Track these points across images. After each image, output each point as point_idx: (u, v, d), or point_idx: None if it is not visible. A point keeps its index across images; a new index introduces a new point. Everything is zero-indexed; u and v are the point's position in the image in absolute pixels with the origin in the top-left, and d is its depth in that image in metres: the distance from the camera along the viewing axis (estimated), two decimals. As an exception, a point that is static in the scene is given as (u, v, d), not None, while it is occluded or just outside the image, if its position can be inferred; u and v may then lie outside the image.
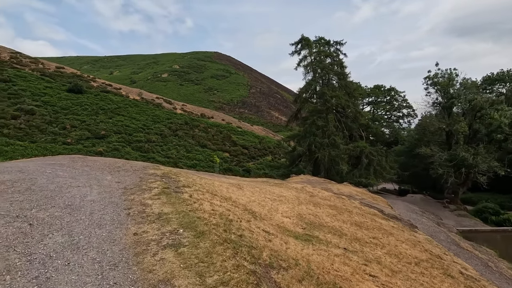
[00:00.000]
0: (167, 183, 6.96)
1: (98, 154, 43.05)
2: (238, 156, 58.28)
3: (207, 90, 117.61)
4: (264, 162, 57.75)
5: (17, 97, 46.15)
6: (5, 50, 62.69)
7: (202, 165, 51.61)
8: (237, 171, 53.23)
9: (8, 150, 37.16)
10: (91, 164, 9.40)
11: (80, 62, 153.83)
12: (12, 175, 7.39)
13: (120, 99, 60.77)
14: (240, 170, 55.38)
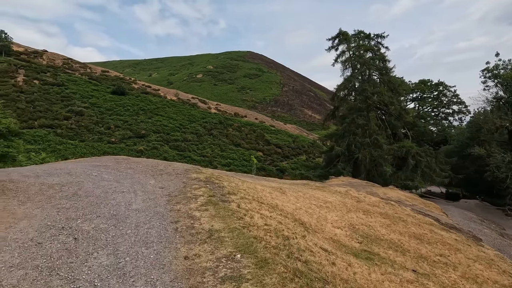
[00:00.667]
0: (212, 190, 6.48)
1: (139, 152, 44.96)
2: (272, 155, 57.61)
3: (240, 89, 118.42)
4: (298, 161, 56.46)
5: (69, 99, 49.79)
6: (59, 56, 68.09)
7: (236, 164, 51.76)
8: (270, 171, 52.60)
9: (61, 148, 40.14)
10: (134, 166, 9.26)
11: (123, 65, 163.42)
12: (61, 177, 7.39)
13: (158, 100, 63.06)
14: (274, 169, 54.65)
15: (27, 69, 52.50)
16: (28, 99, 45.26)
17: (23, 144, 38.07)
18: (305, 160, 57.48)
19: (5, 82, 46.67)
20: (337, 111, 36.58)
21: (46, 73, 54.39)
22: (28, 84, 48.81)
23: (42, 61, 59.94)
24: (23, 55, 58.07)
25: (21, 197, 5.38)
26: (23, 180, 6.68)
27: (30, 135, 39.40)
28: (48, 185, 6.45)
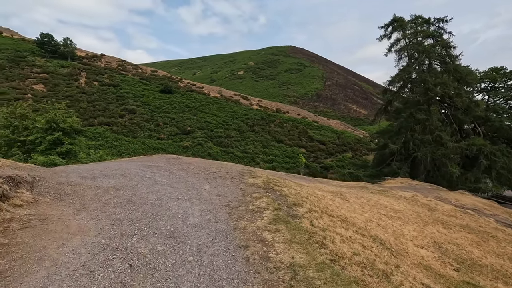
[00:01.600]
0: (275, 200, 5.63)
1: (185, 148, 46.35)
2: (315, 152, 55.55)
3: (281, 84, 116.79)
4: (343, 159, 53.62)
5: (123, 98, 53.18)
6: (114, 59, 73.26)
7: (278, 160, 50.82)
8: (314, 168, 50.69)
9: (117, 144, 43.01)
10: (186, 167, 8.79)
11: (169, 65, 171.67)
12: (116, 180, 7.11)
13: (202, 97, 64.51)
14: (318, 167, 52.65)
15: (88, 72, 57.17)
16: (89, 99, 49.22)
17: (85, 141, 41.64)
18: (351, 158, 54.39)
19: (71, 84, 51.28)
20: (390, 105, 33.48)
21: (103, 75, 58.72)
22: (89, 85, 53.11)
23: (100, 64, 64.86)
24: (85, 59, 63.41)
25: (77, 203, 5.04)
26: (80, 183, 6.46)
27: (91, 132, 42.78)
28: (104, 189, 6.13)
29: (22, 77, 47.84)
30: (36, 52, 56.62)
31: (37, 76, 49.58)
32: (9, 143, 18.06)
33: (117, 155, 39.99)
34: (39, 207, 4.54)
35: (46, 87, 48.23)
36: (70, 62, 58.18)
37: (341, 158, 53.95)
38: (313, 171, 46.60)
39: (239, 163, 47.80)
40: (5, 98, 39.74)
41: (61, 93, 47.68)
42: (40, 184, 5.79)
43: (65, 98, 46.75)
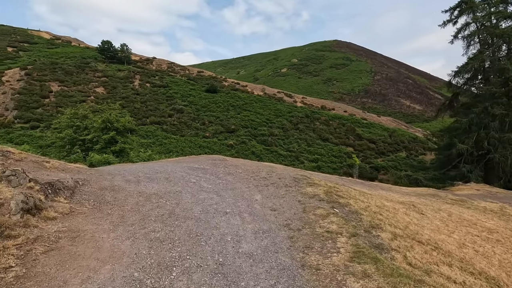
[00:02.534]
0: (347, 220, 4.43)
1: (229, 147, 46.57)
2: (364, 151, 51.78)
3: (325, 81, 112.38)
4: (396, 159, 49.09)
5: (172, 99, 55.45)
6: (164, 61, 77.09)
7: (324, 160, 48.43)
8: (363, 168, 47.25)
9: (166, 142, 44.88)
10: (233, 171, 7.92)
11: (214, 65, 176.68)
12: (160, 184, 6.50)
13: (246, 96, 64.47)
14: (367, 167, 49.09)
15: (141, 74, 60.78)
16: (142, 99, 52.19)
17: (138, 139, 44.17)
18: (406, 158, 49.61)
19: (126, 86, 54.95)
20: (456, 99, 29.37)
21: (155, 76, 61.93)
22: (142, 87, 56.39)
23: (152, 66, 68.62)
24: (139, 63, 67.62)
25: (115, 215, 4.41)
26: (123, 188, 5.92)
27: (143, 131, 45.25)
28: (146, 196, 5.49)
29: (87, 81, 52.48)
30: (98, 58, 61.78)
31: (98, 80, 54.01)
32: (72, 141, 19.40)
33: (166, 153, 41.63)
34: (73, 220, 3.97)
35: (106, 89, 52.29)
36: (126, 66, 62.42)
37: (394, 158, 49.47)
38: (362, 171, 43.39)
39: (283, 162, 46.57)
40: (73, 101, 43.90)
41: (118, 95, 51.26)
42: (82, 189, 5.33)
43: (122, 99, 50.18)
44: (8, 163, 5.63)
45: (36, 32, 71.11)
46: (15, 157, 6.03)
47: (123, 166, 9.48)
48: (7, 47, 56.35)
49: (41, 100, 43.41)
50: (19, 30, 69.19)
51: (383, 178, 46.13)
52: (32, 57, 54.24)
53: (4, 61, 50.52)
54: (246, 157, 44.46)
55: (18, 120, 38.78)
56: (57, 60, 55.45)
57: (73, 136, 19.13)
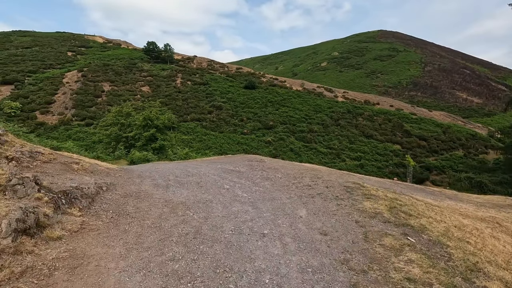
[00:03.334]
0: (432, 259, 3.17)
1: (267, 143, 45.71)
2: (413, 149, 47.23)
3: (369, 74, 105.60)
4: (452, 158, 43.92)
5: (211, 96, 56.16)
6: (205, 60, 78.61)
7: (367, 158, 45.20)
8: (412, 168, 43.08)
9: (206, 139, 45.50)
10: (271, 175, 6.91)
11: (253, 62, 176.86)
12: (189, 191, 5.74)
13: (284, 91, 62.90)
14: (417, 166, 44.71)
15: (183, 73, 62.53)
16: (183, 97, 53.61)
17: (180, 135, 45.40)
18: (464, 157, 44.19)
19: (169, 85, 56.90)
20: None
21: (195, 74, 63.31)
22: (183, 85, 57.97)
23: (193, 65, 70.29)
24: (181, 62, 69.73)
25: (131, 234, 3.68)
26: (149, 195, 5.26)
27: (184, 128, 46.41)
28: (172, 207, 4.73)
29: (134, 81, 55.37)
30: (144, 59, 64.89)
31: (144, 79, 56.68)
32: (117, 138, 20.10)
33: (205, 149, 42.16)
34: (81, 240, 3.30)
35: (150, 88, 54.67)
36: (169, 65, 64.69)
37: (449, 157, 44.33)
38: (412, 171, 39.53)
39: (323, 159, 44.42)
40: (121, 99, 46.55)
41: (161, 93, 53.26)
42: (104, 196, 4.73)
43: (164, 97, 52.04)
44: (34, 165, 5.25)
45: (91, 37, 77.05)
46: (43, 158, 5.67)
47: (157, 166, 9.02)
48: (67, 52, 61.70)
49: (94, 99, 46.65)
50: (77, 36, 75.57)
51: (436, 179, 41.60)
52: (88, 60, 58.69)
53: (64, 64, 55.35)
54: (284, 154, 43.21)
55: (75, 118, 42.06)
56: (109, 62, 59.32)
57: (118, 133, 19.76)
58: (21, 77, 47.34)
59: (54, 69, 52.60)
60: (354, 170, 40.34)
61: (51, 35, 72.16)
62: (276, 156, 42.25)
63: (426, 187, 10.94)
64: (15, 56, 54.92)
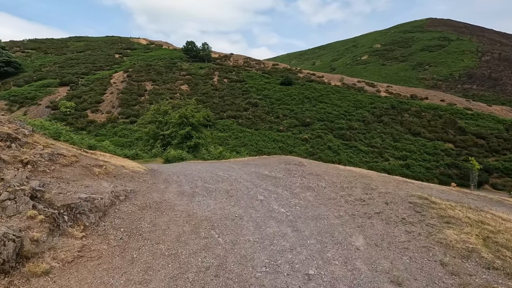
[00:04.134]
0: None
1: (304, 141, 43.98)
2: (469, 148, 42.04)
3: (415, 66, 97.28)
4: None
5: (247, 93, 55.73)
6: (241, 57, 78.57)
7: (414, 157, 41.27)
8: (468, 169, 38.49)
9: (241, 136, 45.19)
10: (313, 183, 5.80)
11: (289, 58, 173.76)
12: (217, 201, 4.89)
13: (322, 87, 60.23)
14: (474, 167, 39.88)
15: (219, 71, 63.00)
16: (219, 94, 53.91)
17: (216, 132, 45.67)
18: (533, 158, 38.21)
19: (206, 83, 57.65)
20: None
21: (232, 72, 63.40)
22: (220, 83, 58.34)
23: (229, 62, 70.55)
24: (218, 60, 70.42)
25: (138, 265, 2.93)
26: (172, 205, 4.52)
27: (220, 125, 46.59)
28: (194, 224, 3.92)
29: (174, 80, 57.04)
30: (183, 58, 66.62)
31: (183, 78, 58.10)
32: (155, 136, 20.32)
33: (241, 146, 41.84)
34: (72, 276, 2.58)
35: (189, 86, 55.86)
36: (206, 64, 65.64)
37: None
38: (467, 173, 35.12)
39: (364, 158, 41.52)
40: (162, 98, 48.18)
41: (199, 91, 54.12)
42: (119, 208, 4.06)
43: (202, 95, 52.79)
44: (51, 169, 4.77)
45: (136, 39, 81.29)
46: (64, 162, 5.19)
47: (188, 167, 8.37)
48: (115, 54, 65.66)
49: (138, 98, 48.84)
50: (124, 39, 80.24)
51: (497, 183, 36.58)
52: (132, 61, 61.83)
53: (112, 66, 58.91)
54: (322, 152, 41.18)
55: (121, 116, 44.35)
56: (151, 62, 61.89)
57: (155, 131, 19.91)
58: (75, 78, 51.25)
59: (103, 70, 56.20)
60: (399, 171, 37.03)
61: (101, 39, 77.56)
62: (313, 154, 40.43)
63: (503, 198, 8.91)
64: (71, 59, 59.81)
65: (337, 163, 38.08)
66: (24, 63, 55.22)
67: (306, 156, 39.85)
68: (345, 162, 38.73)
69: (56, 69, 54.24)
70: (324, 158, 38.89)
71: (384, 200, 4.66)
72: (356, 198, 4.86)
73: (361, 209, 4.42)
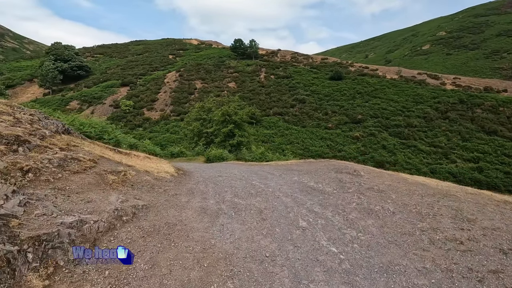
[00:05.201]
0: None
1: (354, 139, 40.58)
2: None
3: (489, 54, 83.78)
4: None
5: (294, 89, 53.72)
6: (288, 52, 76.45)
7: (488, 159, 35.12)
8: None
9: (288, 133, 43.58)
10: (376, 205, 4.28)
11: (339, 52, 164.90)
12: (245, 227, 3.73)
13: (376, 81, 55.18)
14: None
15: (266, 67, 62.01)
16: (266, 91, 52.94)
17: (262, 129, 44.79)
18: None
19: (253, 80, 57.19)
20: None
21: (279, 68, 61.90)
22: (267, 79, 57.36)
23: (277, 58, 69.07)
24: (265, 56, 69.48)
25: None
26: (187, 230, 3.56)
27: (266, 122, 45.62)
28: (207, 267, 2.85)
29: (222, 78, 57.79)
30: (231, 56, 67.17)
31: (230, 76, 58.52)
32: (199, 134, 20.12)
33: (286, 144, 40.30)
34: None
35: (236, 83, 56.02)
36: (253, 60, 65.17)
37: None
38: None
39: (425, 159, 36.58)
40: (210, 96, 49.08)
41: (246, 88, 53.87)
42: (116, 235, 3.17)
43: (249, 92, 52.42)
44: (57, 177, 4.12)
45: (188, 40, 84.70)
46: (76, 168, 4.52)
47: (222, 171, 7.38)
48: (169, 55, 69.12)
49: (188, 96, 50.48)
50: (177, 40, 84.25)
51: None
52: (184, 61, 64.32)
53: (166, 66, 62.04)
54: (375, 151, 37.45)
55: (172, 114, 46.25)
56: (201, 61, 63.64)
57: (200, 129, 19.64)
58: (134, 79, 55.06)
59: (158, 71, 59.46)
60: (469, 175, 31.72)
61: (157, 42, 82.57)
62: (365, 154, 37.02)
63: None
64: (131, 62, 64.62)
65: (392, 164, 34.20)
66: (93, 67, 61.32)
67: (357, 156, 36.64)
68: (402, 164, 34.62)
69: (119, 71, 59.05)
70: (378, 158, 35.34)
71: (496, 243, 2.95)
72: (448, 237, 3.21)
73: (461, 260, 2.79)
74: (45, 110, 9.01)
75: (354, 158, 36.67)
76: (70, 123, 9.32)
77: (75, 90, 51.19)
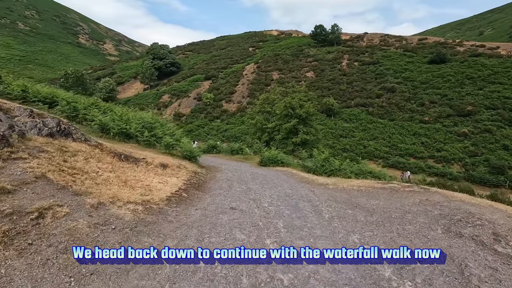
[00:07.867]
0: None
1: (461, 136, 31.74)
2: None
3: None
4: None
5: (382, 76, 46.02)
6: (377, 35, 66.54)
7: None
8: None
9: (371, 127, 37.46)
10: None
11: (443, 31, 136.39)
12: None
13: (496, 62, 42.28)
14: None
15: (349, 54, 55.28)
16: (348, 80, 47.08)
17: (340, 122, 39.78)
18: None
19: (333, 68, 51.76)
20: None
21: (364, 53, 54.36)
22: (349, 67, 51.03)
23: (362, 43, 60.94)
24: (348, 42, 62.23)
25: None
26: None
27: (346, 114, 40.41)
28: None
29: (299, 67, 54.37)
30: (311, 44, 62.64)
31: (309, 65, 54.46)
32: (262, 128, 18.11)
33: (369, 140, 34.53)
34: None
35: (315, 73, 51.76)
36: (335, 47, 59.11)
37: None
38: None
39: None
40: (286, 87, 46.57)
41: (325, 78, 49.12)
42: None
43: (328, 81, 47.57)
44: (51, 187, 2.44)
45: (268, 31, 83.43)
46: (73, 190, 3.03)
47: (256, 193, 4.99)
48: (249, 48, 69.31)
49: (265, 87, 49.16)
50: (258, 33, 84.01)
51: None
52: (263, 52, 63.33)
53: (246, 59, 62.31)
54: (491, 153, 28.32)
55: (249, 106, 45.63)
56: (279, 52, 61.41)
57: (263, 123, 17.58)
58: (216, 73, 57.04)
59: (238, 64, 60.13)
60: None
61: (239, 36, 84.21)
62: (476, 155, 28.36)
63: None
64: (214, 56, 67.54)
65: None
66: (183, 63, 66.70)
67: (464, 157, 28.35)
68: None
69: (204, 65, 62.44)
70: (495, 162, 26.70)
71: None
72: None
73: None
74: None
75: (460, 160, 28.61)
76: (119, 117, 8.75)
77: (167, 85, 56.45)
